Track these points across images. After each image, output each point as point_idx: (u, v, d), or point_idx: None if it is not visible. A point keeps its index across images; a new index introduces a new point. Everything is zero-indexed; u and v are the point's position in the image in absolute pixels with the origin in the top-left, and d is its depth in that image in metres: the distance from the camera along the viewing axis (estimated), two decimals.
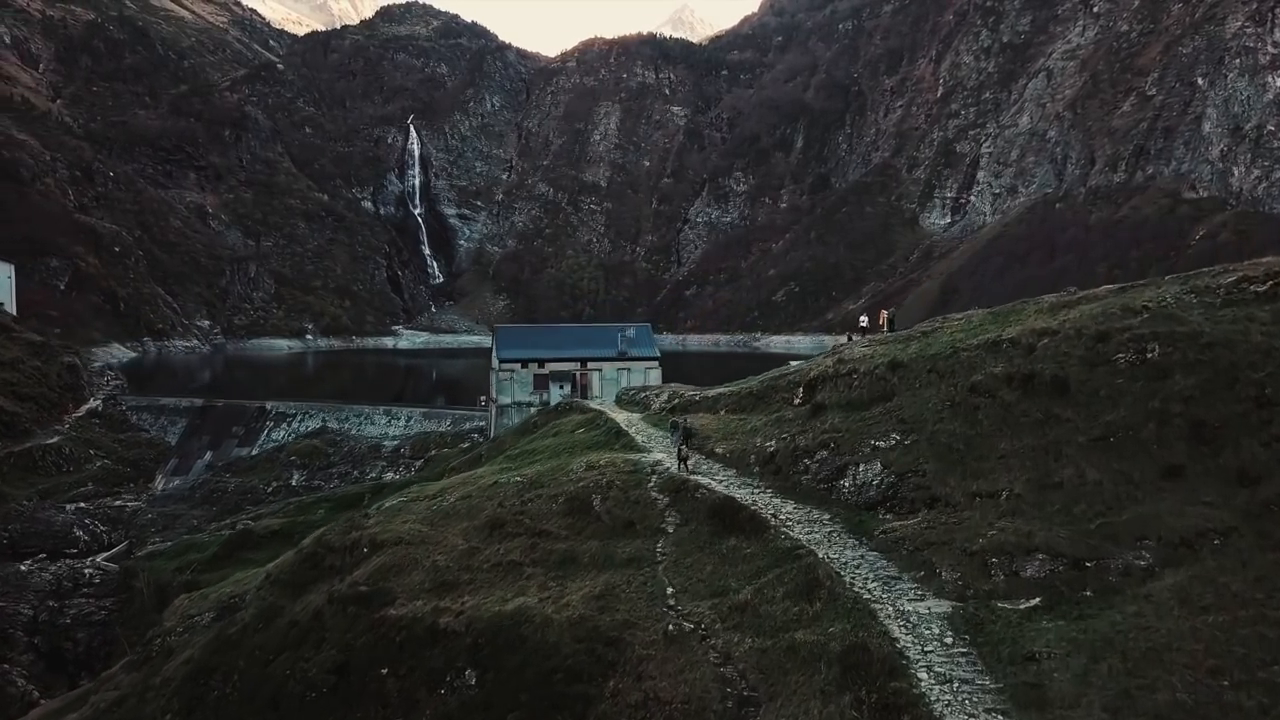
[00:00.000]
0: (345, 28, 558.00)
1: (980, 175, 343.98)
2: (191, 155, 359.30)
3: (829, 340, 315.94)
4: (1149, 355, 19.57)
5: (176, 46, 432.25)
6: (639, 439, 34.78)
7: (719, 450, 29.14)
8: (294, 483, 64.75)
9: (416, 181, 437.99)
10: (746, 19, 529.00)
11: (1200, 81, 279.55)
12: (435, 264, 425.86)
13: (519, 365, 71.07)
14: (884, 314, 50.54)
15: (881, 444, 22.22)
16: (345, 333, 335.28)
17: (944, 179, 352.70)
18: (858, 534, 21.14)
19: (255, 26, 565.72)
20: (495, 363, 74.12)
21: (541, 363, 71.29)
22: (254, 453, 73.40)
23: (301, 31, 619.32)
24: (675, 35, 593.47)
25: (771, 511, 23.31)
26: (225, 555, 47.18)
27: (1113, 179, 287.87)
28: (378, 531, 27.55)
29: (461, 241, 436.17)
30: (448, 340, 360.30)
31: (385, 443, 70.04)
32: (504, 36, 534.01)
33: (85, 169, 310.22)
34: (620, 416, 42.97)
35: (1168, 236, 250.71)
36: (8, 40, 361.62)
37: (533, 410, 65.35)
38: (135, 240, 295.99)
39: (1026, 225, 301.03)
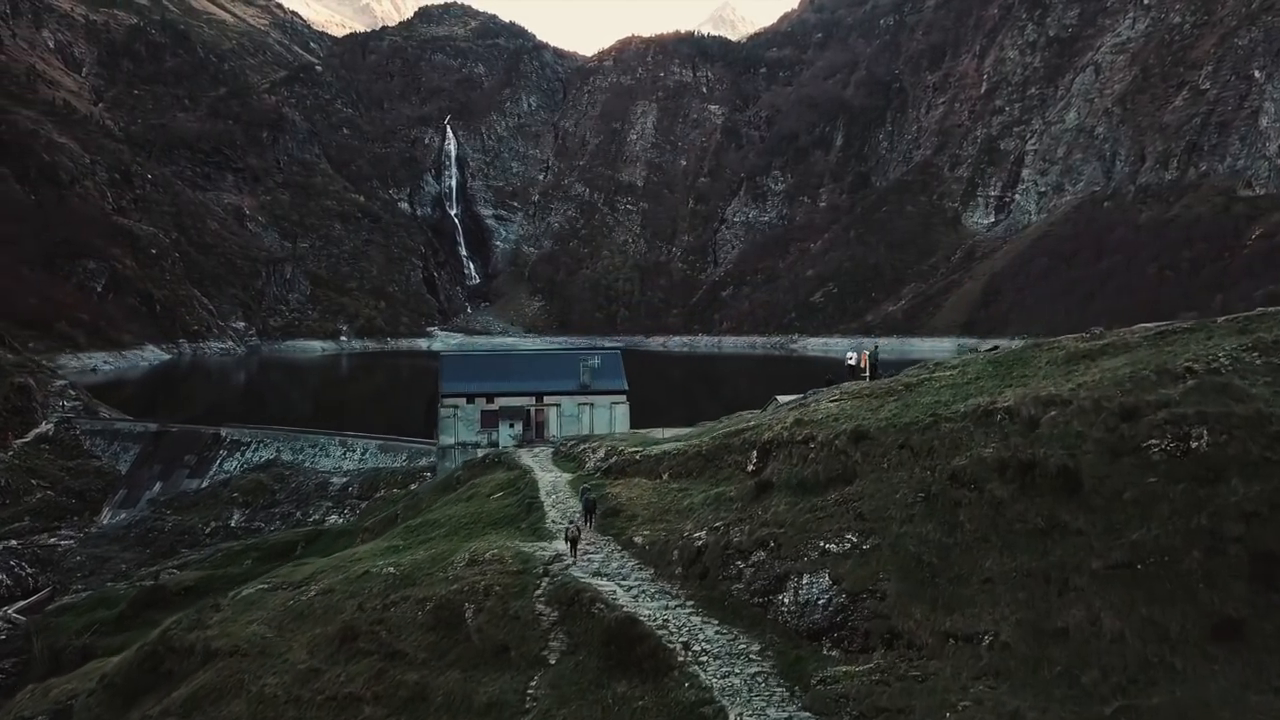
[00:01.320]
0: (384, 29, 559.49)
1: (1025, 173, 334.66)
2: (229, 157, 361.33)
3: (868, 343, 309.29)
4: (1193, 445, 13.67)
5: (217, 49, 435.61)
6: (551, 516, 29.85)
7: (640, 539, 23.97)
8: (234, 523, 60.06)
9: (453, 182, 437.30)
10: (786, 16, 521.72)
11: (1257, 74, 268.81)
12: (472, 265, 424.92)
13: (464, 400, 62.80)
14: (865, 355, 44.00)
15: (833, 547, 17.14)
16: (379, 334, 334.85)
17: (987, 177, 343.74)
18: (791, 680, 15.78)
19: (296, 29, 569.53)
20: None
21: (490, 397, 62.86)
22: (203, 484, 68.30)
23: (343, 33, 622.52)
24: (715, 33, 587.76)
25: (684, 639, 18.08)
26: (132, 615, 42.86)
27: (1164, 176, 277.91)
28: (216, 635, 23.34)
29: (498, 242, 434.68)
30: (481, 342, 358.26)
31: (334, 479, 64.02)
32: (542, 36, 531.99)
33: (124, 172, 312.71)
34: (547, 478, 38.58)
35: (1222, 236, 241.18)
36: (51, 45, 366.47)
37: (479, 453, 58.07)
38: (172, 242, 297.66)
39: (1073, 225, 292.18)
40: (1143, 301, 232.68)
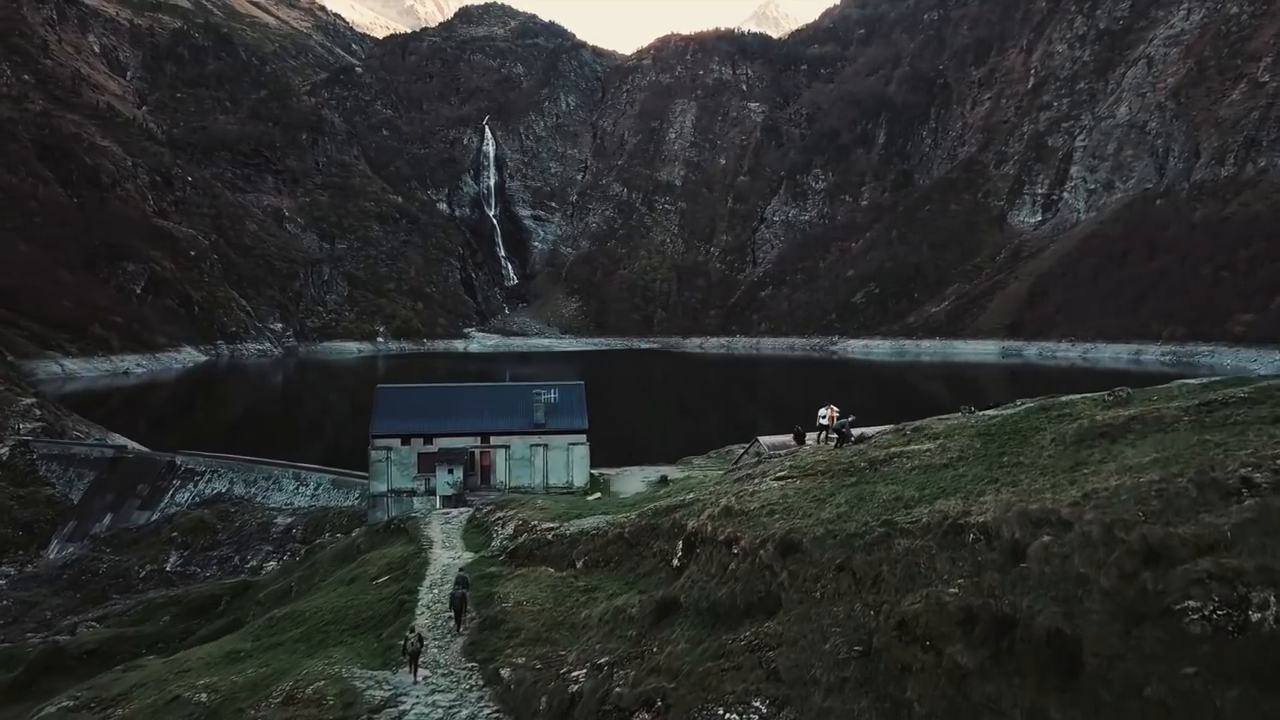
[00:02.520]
0: (424, 30, 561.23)
1: (1074, 170, 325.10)
2: (269, 159, 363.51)
3: (909, 345, 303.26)
4: (1254, 618, 8.41)
5: (259, 52, 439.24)
6: (421, 621, 25.03)
7: (509, 670, 19.10)
8: (170, 566, 55.26)
9: (491, 183, 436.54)
10: (827, 12, 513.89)
11: None
12: (509, 266, 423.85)
13: (399, 440, 54.54)
14: (832, 412, 35.05)
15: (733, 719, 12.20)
16: (416, 335, 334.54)
17: (1034, 174, 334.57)
18: None
19: (338, 31, 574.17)
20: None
21: (428, 437, 54.72)
22: (153, 517, 63.46)
23: (387, 35, 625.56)
24: (757, 31, 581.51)
25: None
26: (27, 682, 38.67)
27: (1220, 173, 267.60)
28: None
29: (535, 243, 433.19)
30: (518, 344, 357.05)
31: (279, 519, 58.53)
32: (581, 35, 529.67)
33: (165, 174, 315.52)
34: (443, 560, 33.54)
35: None
36: (97, 49, 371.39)
37: (415, 503, 52.35)
38: (211, 244, 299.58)
39: (1124, 223, 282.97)
40: (1197, 304, 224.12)
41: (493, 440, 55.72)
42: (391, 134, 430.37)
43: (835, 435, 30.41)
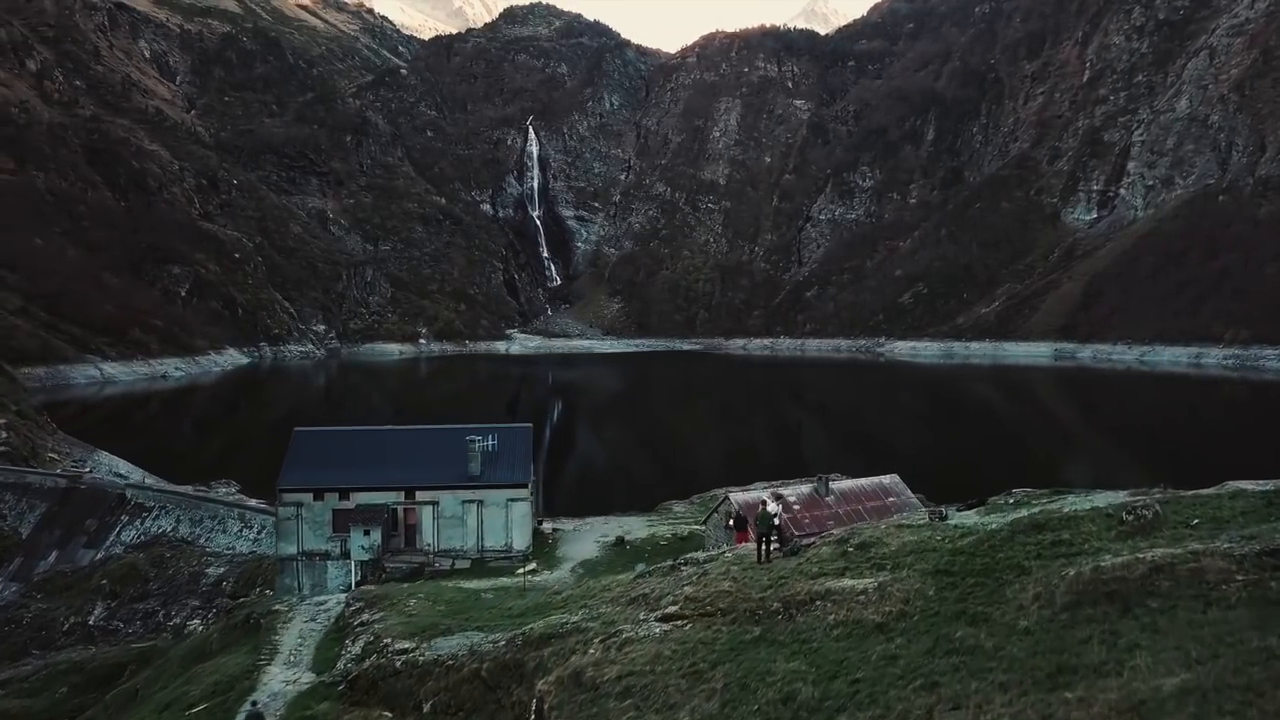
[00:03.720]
0: (469, 31, 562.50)
1: (1131, 166, 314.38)
2: (314, 161, 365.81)
3: (958, 347, 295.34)
4: None
5: (306, 55, 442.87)
6: None
7: None
8: (94, 619, 49.81)
9: (535, 183, 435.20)
10: (876, 6, 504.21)
11: None
12: (553, 266, 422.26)
13: (311, 495, 47.16)
14: (767, 502, 29.25)
15: None
16: (458, 337, 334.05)
17: (1090, 171, 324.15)
18: None
19: (385, 33, 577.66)
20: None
21: (344, 491, 47.20)
22: (97, 555, 58.01)
23: (432, 37, 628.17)
24: (806, 27, 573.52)
25: None
26: None
27: None
28: None
29: (579, 244, 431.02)
30: (559, 345, 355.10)
31: (213, 568, 52.71)
32: (627, 34, 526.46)
33: (211, 177, 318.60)
34: (272, 684, 28.08)
35: None
36: (147, 55, 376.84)
37: (330, 570, 45.52)
38: (255, 246, 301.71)
39: (1184, 221, 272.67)
40: (1262, 305, 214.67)
41: (419, 495, 48.46)
42: (436, 135, 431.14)
43: (774, 538, 26.03)
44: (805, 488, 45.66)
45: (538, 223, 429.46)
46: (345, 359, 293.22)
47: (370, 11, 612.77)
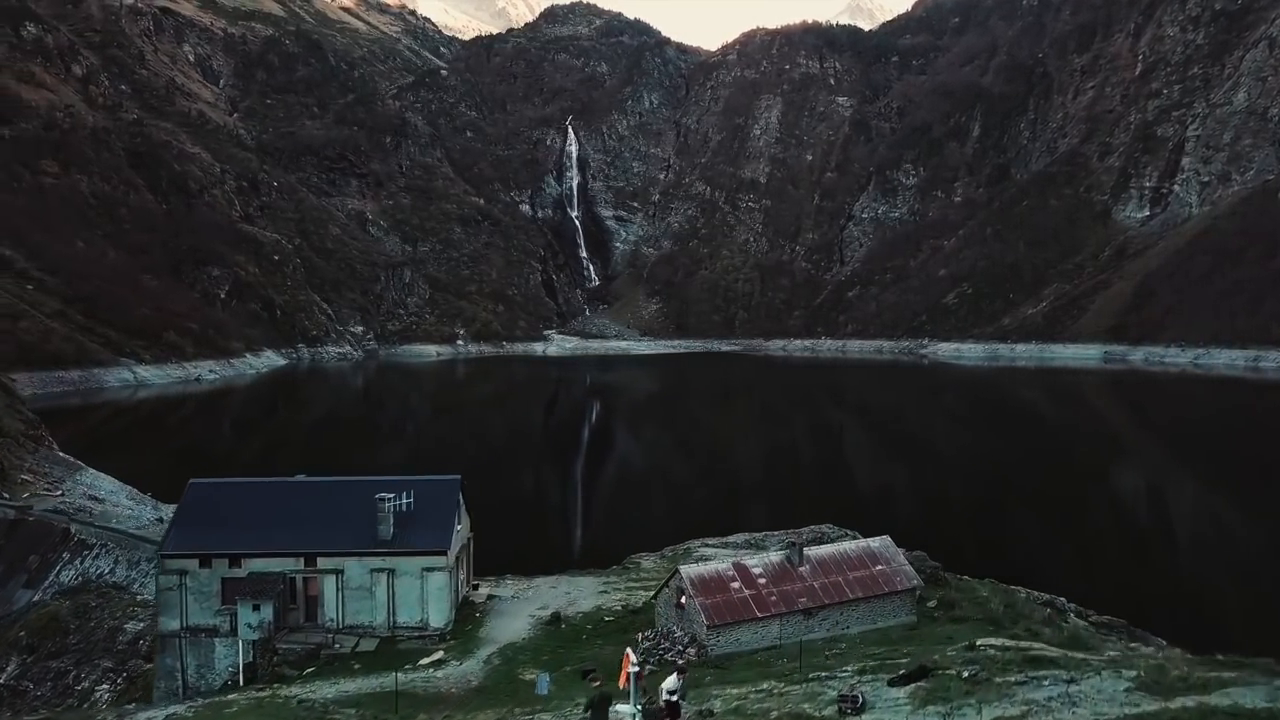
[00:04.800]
0: (509, 31, 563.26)
1: (1185, 161, 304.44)
2: (353, 163, 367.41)
3: (1003, 349, 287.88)
4: None
5: (348, 57, 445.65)
6: None
7: None
8: (4, 678, 43.34)
9: (574, 183, 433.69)
10: (920, 1, 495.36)
11: None
12: (591, 267, 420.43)
13: (197, 562, 40.63)
14: (626, 666, 24.29)
15: None
16: (495, 338, 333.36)
17: (1142, 167, 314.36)
18: None
19: (427, 34, 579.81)
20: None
21: (236, 558, 40.72)
22: (35, 597, 50.75)
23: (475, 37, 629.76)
24: (851, 23, 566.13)
25: None
26: None
27: None
28: None
29: (617, 244, 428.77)
30: (595, 346, 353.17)
31: (131, 624, 45.66)
32: (667, 32, 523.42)
33: (252, 180, 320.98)
34: None
35: None
36: (191, 59, 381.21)
37: (217, 647, 39.13)
38: (294, 248, 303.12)
39: (1241, 218, 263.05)
40: None
41: (321, 562, 41.48)
42: (475, 136, 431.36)
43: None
44: (775, 556, 39.48)
45: (576, 223, 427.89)
46: (383, 360, 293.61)
47: (412, 13, 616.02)
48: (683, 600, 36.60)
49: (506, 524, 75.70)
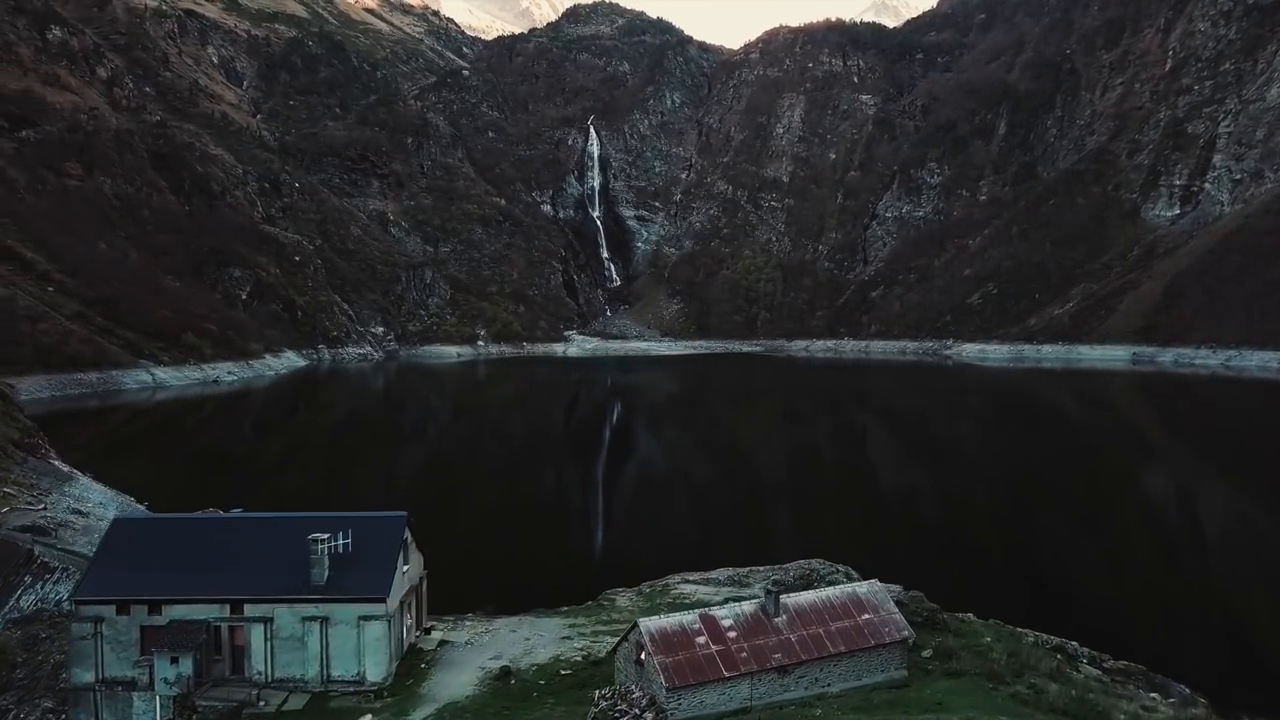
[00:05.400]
0: (531, 31, 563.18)
1: (1217, 159, 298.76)
2: (375, 164, 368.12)
3: (1029, 350, 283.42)
4: None
5: (371, 58, 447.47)
6: None
7: None
8: None
9: (596, 183, 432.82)
10: None
11: None
12: (613, 267, 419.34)
13: (113, 608, 36.91)
14: None
15: None
16: (516, 339, 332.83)
17: (1172, 164, 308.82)
18: None
19: (449, 35, 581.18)
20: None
21: (156, 604, 36.94)
22: None
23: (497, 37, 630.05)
24: (877, 21, 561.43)
25: None
26: None
27: None
28: None
29: (639, 244, 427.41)
30: (615, 347, 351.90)
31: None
32: (690, 30, 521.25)
33: (274, 181, 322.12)
34: None
35: None
36: (215, 60, 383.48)
37: (136, 702, 35.20)
38: (315, 249, 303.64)
39: (1275, 216, 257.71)
40: None
41: (248, 609, 37.32)
42: (497, 136, 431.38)
43: None
44: (749, 606, 35.35)
45: (598, 223, 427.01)
46: (403, 361, 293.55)
47: (435, 14, 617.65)
48: (642, 656, 32.94)
49: (488, 543, 73.76)
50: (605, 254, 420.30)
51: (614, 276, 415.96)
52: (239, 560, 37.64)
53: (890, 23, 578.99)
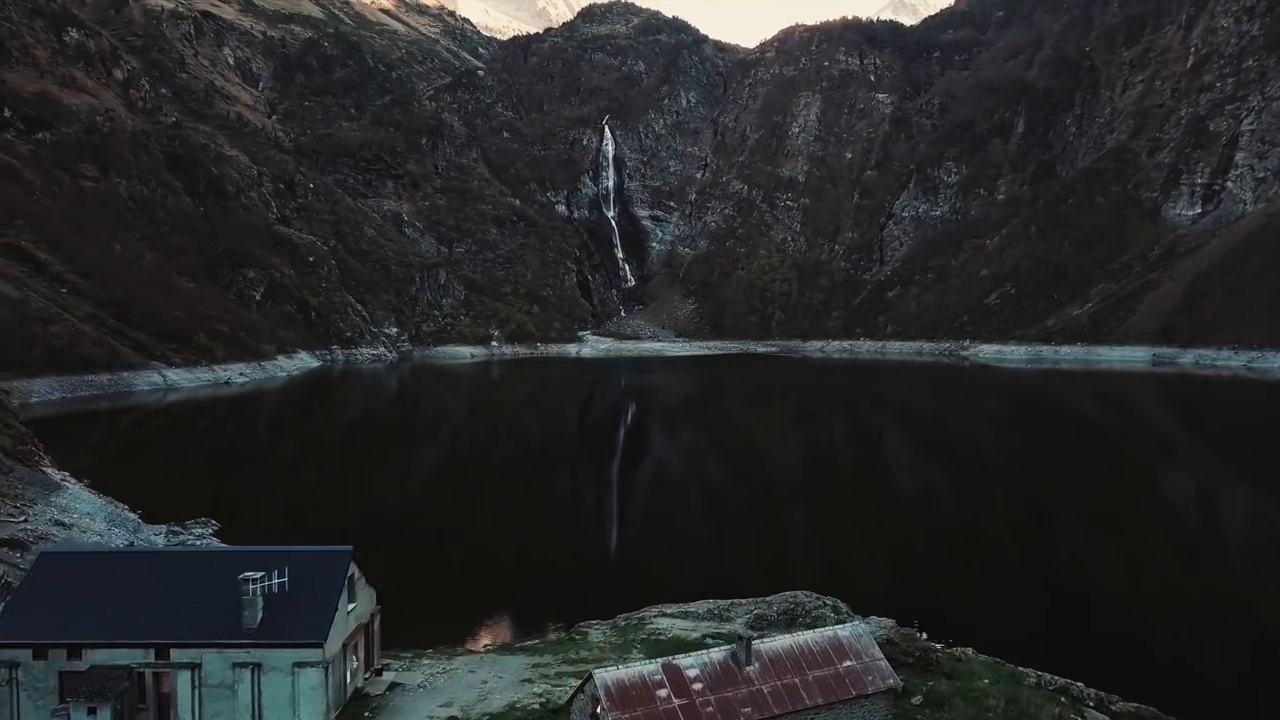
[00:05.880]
0: (547, 30, 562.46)
1: (1239, 157, 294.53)
2: (390, 164, 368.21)
3: (1047, 351, 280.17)
4: None
5: (386, 59, 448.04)
6: None
7: None
8: None
9: (610, 183, 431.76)
10: None
11: None
12: (627, 267, 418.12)
13: (29, 652, 33.55)
14: None
15: None
16: (530, 339, 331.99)
17: (1193, 163, 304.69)
18: None
19: (465, 35, 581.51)
20: None
21: (76, 648, 33.66)
22: None
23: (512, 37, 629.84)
24: (894, 19, 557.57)
25: None
26: None
27: None
28: None
29: (653, 244, 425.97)
30: (629, 347, 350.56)
31: None
32: (706, 29, 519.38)
33: (288, 182, 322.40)
34: None
35: None
36: (231, 62, 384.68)
37: None
38: (329, 250, 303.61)
39: None
40: None
41: (174, 654, 33.94)
42: (512, 136, 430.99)
43: None
44: (718, 654, 31.98)
45: (612, 223, 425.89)
46: (417, 362, 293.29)
47: (451, 14, 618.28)
48: (597, 711, 30.11)
49: (471, 557, 71.87)
50: (620, 254, 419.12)
51: (628, 277, 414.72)
52: (169, 600, 34.74)
53: (908, 20, 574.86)
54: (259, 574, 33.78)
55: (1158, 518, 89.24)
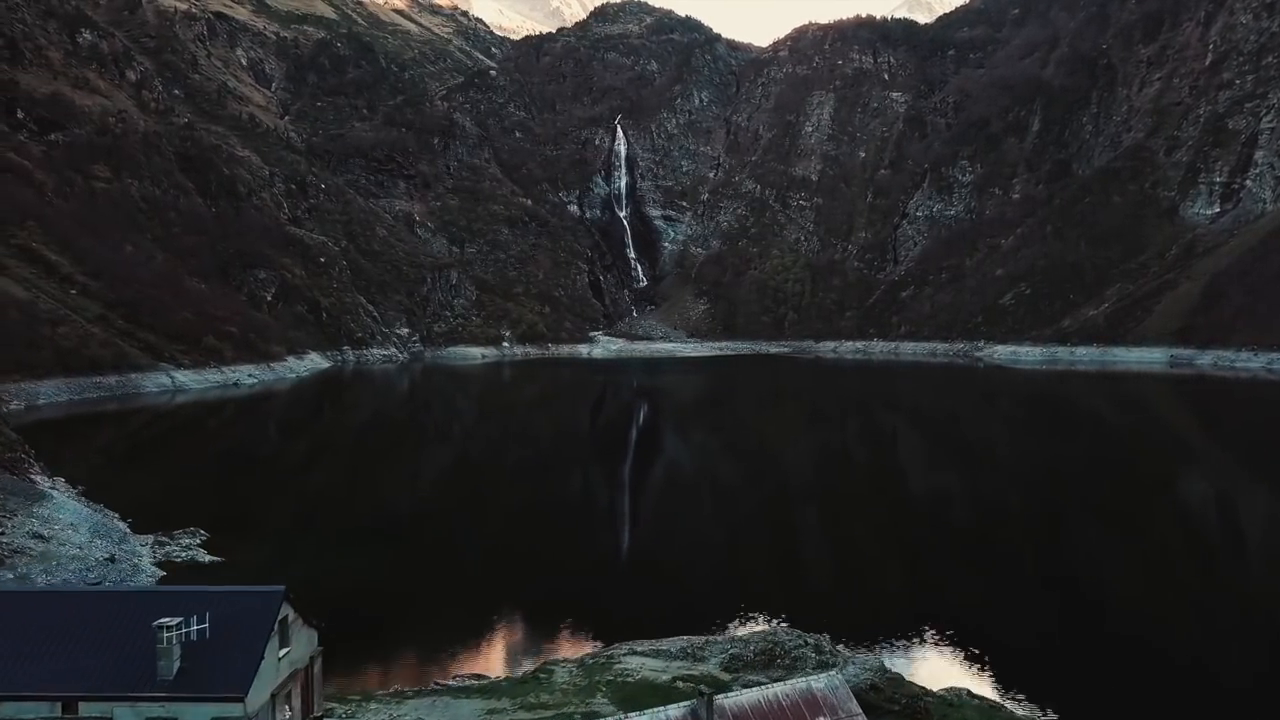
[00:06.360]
0: (559, 30, 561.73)
1: (1259, 156, 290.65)
2: (401, 165, 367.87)
3: (1062, 352, 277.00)
4: None
5: (399, 59, 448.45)
6: None
7: None
8: None
9: (622, 183, 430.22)
10: None
11: None
12: (639, 267, 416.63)
13: None
14: None
15: None
16: (541, 340, 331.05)
17: (1211, 161, 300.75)
18: None
19: (478, 35, 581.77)
20: None
21: None
22: None
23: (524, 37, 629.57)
24: (909, 17, 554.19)
25: None
26: None
27: None
28: None
29: (666, 244, 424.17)
30: (641, 348, 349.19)
31: None
32: (719, 28, 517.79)
33: (300, 182, 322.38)
34: None
35: None
36: (244, 62, 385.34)
37: None
38: (341, 250, 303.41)
39: None
40: None
41: (83, 708, 30.68)
42: (524, 136, 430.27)
43: None
44: (676, 712, 27.69)
45: (624, 223, 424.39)
46: (428, 362, 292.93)
47: (464, 14, 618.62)
48: None
49: (448, 574, 68.69)
50: (632, 254, 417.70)
51: (640, 277, 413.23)
52: (80, 646, 31.44)
53: (922, 19, 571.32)
54: (175, 620, 30.67)
55: (1179, 527, 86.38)
